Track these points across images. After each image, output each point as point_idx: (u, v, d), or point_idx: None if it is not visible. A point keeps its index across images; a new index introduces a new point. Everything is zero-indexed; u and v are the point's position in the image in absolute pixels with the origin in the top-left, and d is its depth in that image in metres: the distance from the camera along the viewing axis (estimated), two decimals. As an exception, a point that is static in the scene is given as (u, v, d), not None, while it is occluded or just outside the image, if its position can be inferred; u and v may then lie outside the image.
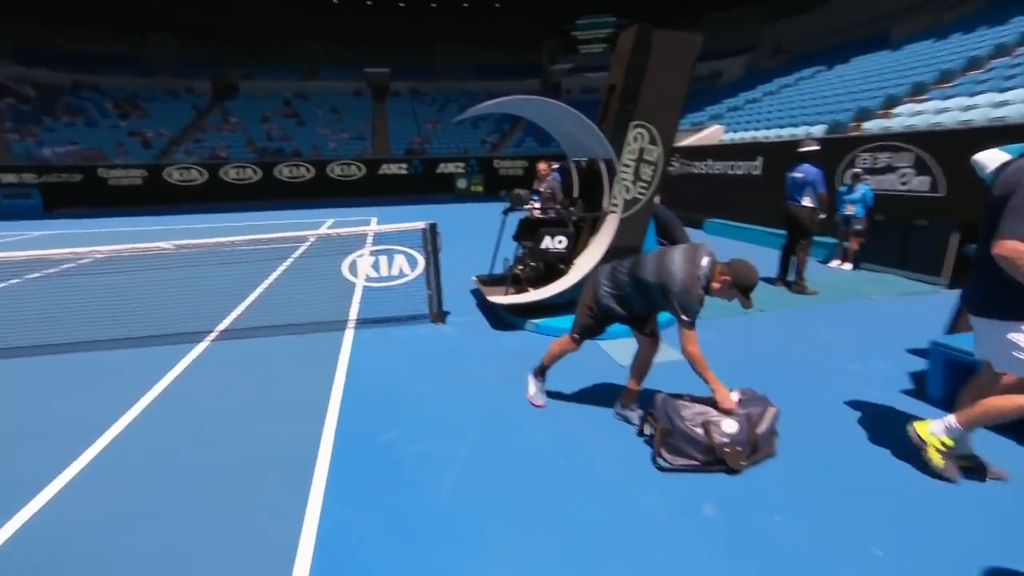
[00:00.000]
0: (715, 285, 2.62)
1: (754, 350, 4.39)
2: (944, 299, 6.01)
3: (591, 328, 3.04)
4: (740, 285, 2.57)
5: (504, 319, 5.12)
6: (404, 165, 22.81)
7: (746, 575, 1.99)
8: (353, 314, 5.26)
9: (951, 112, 9.53)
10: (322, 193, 21.36)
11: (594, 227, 5.39)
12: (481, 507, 2.42)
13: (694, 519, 2.31)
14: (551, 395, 3.48)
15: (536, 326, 4.86)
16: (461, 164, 23.09)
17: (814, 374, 3.86)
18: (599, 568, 2.04)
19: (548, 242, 4.99)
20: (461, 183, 22.52)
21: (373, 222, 13.09)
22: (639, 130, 5.12)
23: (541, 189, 6.25)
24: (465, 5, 34.46)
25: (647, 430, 2.90)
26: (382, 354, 4.36)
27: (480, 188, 22.49)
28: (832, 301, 5.85)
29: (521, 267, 5.20)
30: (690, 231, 9.25)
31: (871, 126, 10.45)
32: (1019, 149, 2.08)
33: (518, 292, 5.16)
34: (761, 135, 13.47)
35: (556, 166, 8.68)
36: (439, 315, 5.01)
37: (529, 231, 5.21)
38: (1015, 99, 8.79)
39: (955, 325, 3.52)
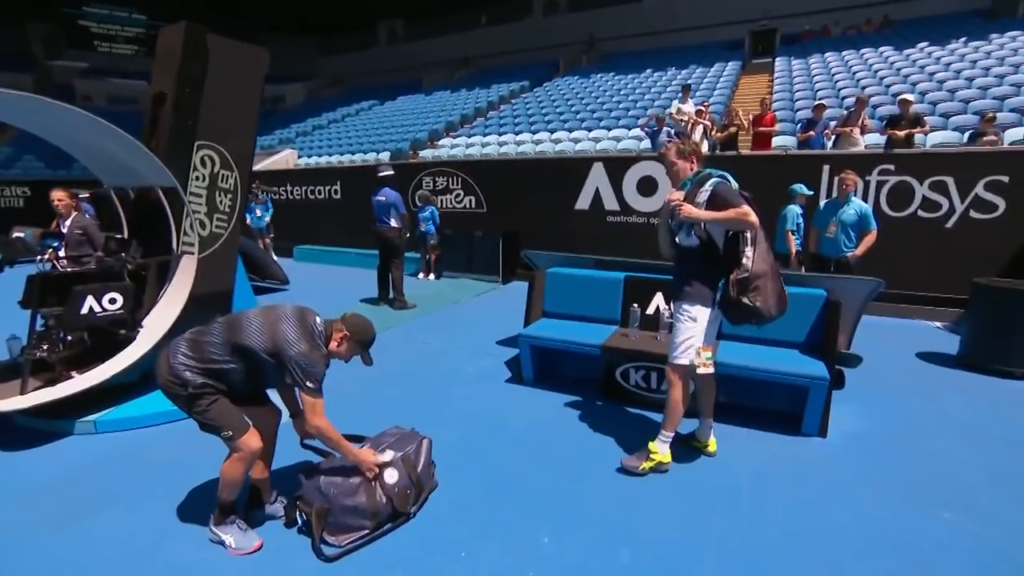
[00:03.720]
0: (333, 345, 2.30)
1: (377, 376, 4.29)
2: (503, 292, 7.60)
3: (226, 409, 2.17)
4: (360, 339, 2.31)
5: (29, 428, 3.34)
6: None
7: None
8: None
9: (475, 147, 12.22)
10: None
11: (163, 275, 4.17)
12: None
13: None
14: (128, 516, 2.40)
15: (96, 423, 3.37)
16: None
17: (439, 385, 4.08)
18: None
19: (92, 303, 3.51)
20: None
21: None
22: (207, 152, 4.25)
23: (64, 230, 4.45)
24: None
25: (299, 517, 2.34)
26: None
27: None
28: (430, 311, 6.48)
29: (47, 346, 3.50)
30: (280, 260, 8.67)
31: (426, 154, 12.29)
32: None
33: (49, 383, 3.46)
34: (335, 160, 13.91)
35: (85, 195, 6.43)
36: None
37: (53, 291, 3.55)
38: (508, 141, 12.01)
39: (529, 318, 4.34)
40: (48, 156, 19.06)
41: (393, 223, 6.49)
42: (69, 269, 3.66)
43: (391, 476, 2.36)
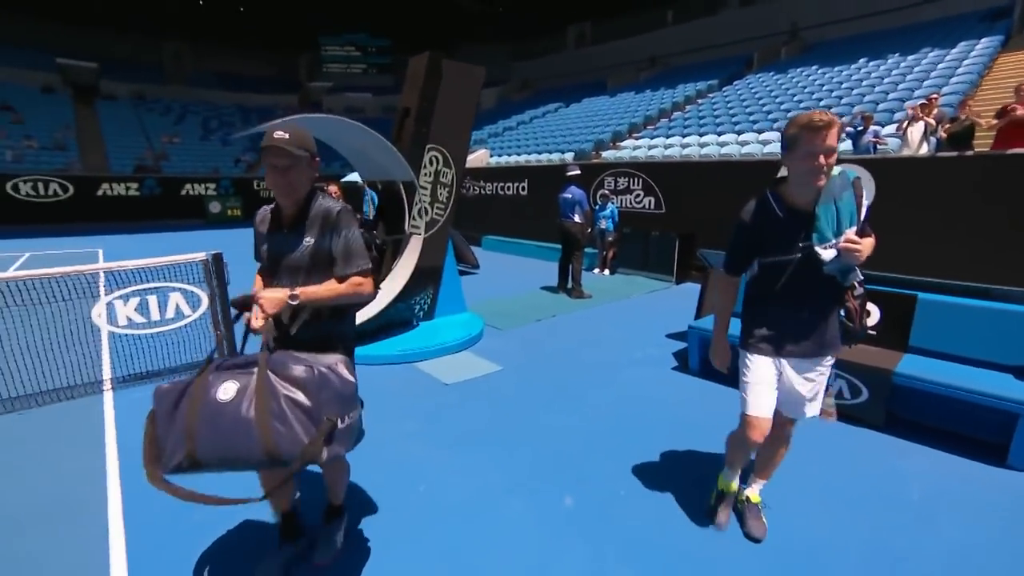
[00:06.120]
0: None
1: (550, 354, 4.89)
2: (676, 291, 7.68)
3: None
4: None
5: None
6: (135, 185, 18.73)
7: None
8: (107, 372, 4.07)
9: (657, 148, 12.26)
10: (-1, 219, 15.91)
11: (396, 250, 5.33)
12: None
13: None
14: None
15: (349, 357, 4.56)
16: (212, 185, 20.10)
17: (606, 367, 4.49)
18: None
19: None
20: (215, 207, 19.58)
21: (100, 255, 10.43)
22: (434, 153, 5.28)
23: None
24: (200, 2, 30.17)
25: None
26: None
27: (238, 212, 19.93)
28: (604, 302, 6.92)
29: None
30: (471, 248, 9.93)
31: (608, 155, 12.74)
32: None
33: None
34: (523, 159, 15.14)
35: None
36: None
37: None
38: (691, 143, 11.80)
39: (700, 312, 4.54)
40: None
41: (577, 218, 7.08)
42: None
43: (225, 391, 1.58)
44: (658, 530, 2.36)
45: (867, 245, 1.83)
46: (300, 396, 1.59)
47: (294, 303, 1.68)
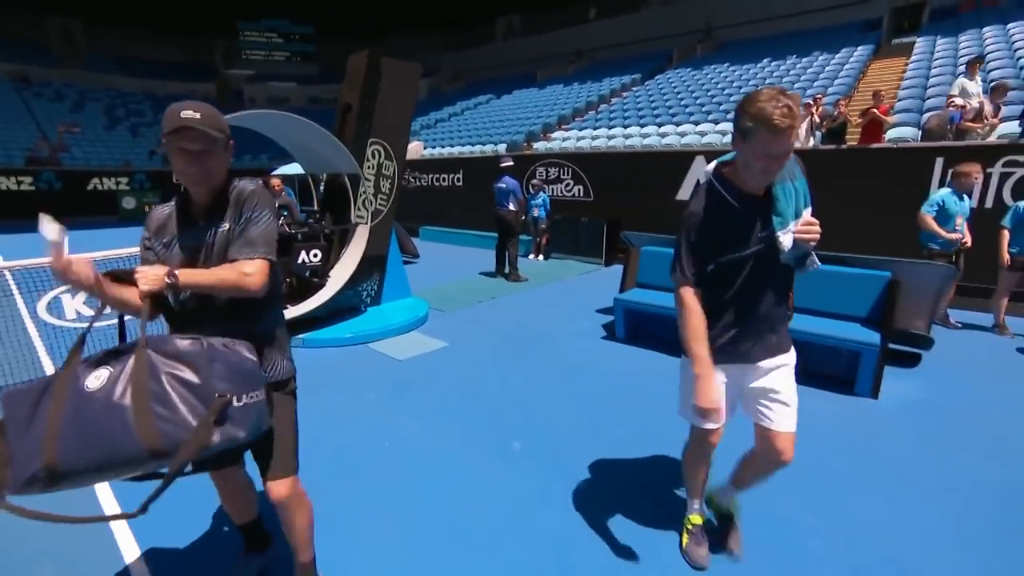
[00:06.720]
0: None
1: (490, 335, 5.35)
2: (605, 272, 8.36)
3: None
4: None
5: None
6: (28, 179, 17.21)
7: None
8: (49, 368, 4.06)
9: (585, 140, 12.96)
10: None
11: (343, 239, 5.57)
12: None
13: None
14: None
15: (304, 340, 4.78)
16: (125, 179, 18.83)
17: (546, 340, 5.00)
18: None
19: (304, 256, 4.94)
20: (129, 202, 18.36)
21: None
22: (376, 147, 5.55)
23: (278, 205, 6.03)
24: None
25: None
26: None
27: (157, 206, 18.90)
28: (539, 284, 7.46)
29: (276, 285, 4.98)
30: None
31: (539, 146, 13.29)
32: None
33: (275, 311, 4.93)
34: (457, 151, 15.40)
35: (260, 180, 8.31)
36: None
37: (280, 248, 5.04)
38: (617, 134, 12.59)
39: (624, 286, 5.15)
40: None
41: (511, 207, 7.55)
42: (290, 231, 5.12)
43: (96, 379, 1.35)
44: (597, 464, 2.87)
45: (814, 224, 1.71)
46: (186, 372, 1.36)
47: (171, 281, 1.44)
